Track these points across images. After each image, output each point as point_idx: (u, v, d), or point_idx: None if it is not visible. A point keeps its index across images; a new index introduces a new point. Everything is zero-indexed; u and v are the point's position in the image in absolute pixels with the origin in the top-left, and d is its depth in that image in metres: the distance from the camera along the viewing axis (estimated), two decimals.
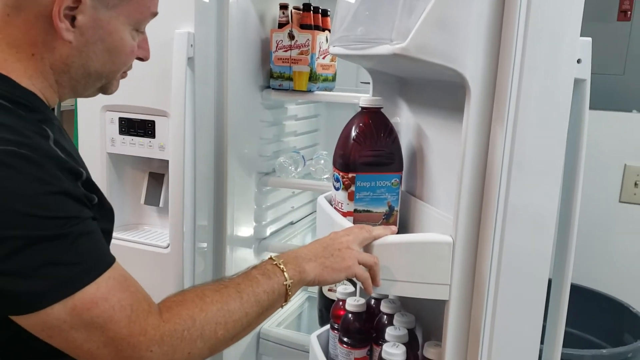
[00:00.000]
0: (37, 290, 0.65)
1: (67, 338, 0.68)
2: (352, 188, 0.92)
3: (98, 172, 1.53)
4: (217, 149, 1.45)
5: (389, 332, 0.95)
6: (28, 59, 0.77)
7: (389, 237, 0.87)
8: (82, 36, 0.77)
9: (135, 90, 1.43)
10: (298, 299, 1.90)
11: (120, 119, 1.48)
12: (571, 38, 0.77)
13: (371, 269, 0.86)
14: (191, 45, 1.31)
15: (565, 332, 1.80)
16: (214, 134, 1.44)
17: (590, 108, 1.87)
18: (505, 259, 0.80)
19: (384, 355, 0.92)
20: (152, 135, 1.45)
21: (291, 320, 1.77)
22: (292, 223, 1.85)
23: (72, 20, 0.76)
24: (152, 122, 1.44)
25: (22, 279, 0.65)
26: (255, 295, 0.79)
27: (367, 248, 0.87)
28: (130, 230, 1.57)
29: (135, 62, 1.29)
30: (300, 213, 1.93)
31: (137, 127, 1.46)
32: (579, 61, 0.80)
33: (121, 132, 1.48)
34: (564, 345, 1.45)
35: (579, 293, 1.82)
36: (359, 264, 0.85)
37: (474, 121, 0.76)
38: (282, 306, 0.84)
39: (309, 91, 1.50)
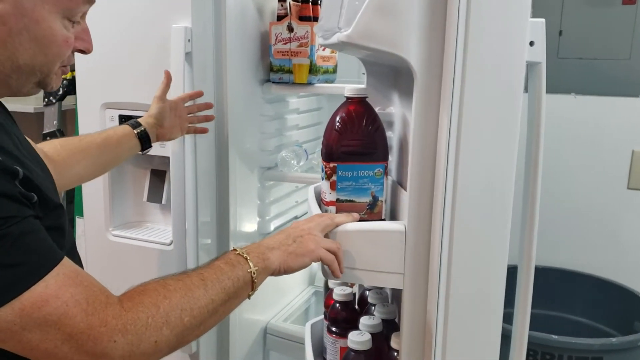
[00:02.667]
0: None
1: (20, 340, 0.66)
2: (334, 177, 0.91)
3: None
4: (218, 144, 1.43)
5: (362, 321, 0.96)
6: None
7: (348, 225, 0.88)
8: (5, 25, 0.72)
9: (134, 87, 1.42)
10: (305, 294, 1.89)
11: (120, 116, 1.46)
12: (521, 20, 0.75)
13: (335, 255, 0.86)
14: (189, 40, 1.29)
15: (574, 321, 1.79)
16: (215, 129, 1.42)
17: (597, 94, 1.85)
18: (457, 246, 0.78)
19: (348, 342, 0.93)
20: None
21: (298, 315, 1.76)
22: (296, 217, 1.84)
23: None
24: None
25: None
26: (219, 282, 0.78)
27: (328, 236, 0.88)
28: (133, 227, 1.56)
29: (136, 58, 1.28)
30: (305, 207, 1.92)
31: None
32: (531, 44, 0.78)
33: None
34: (573, 334, 1.44)
35: (587, 281, 1.81)
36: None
37: (420, 107, 0.75)
38: (249, 296, 0.83)
39: (310, 84, 1.48)
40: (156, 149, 1.45)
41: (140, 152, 1.24)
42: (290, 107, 1.72)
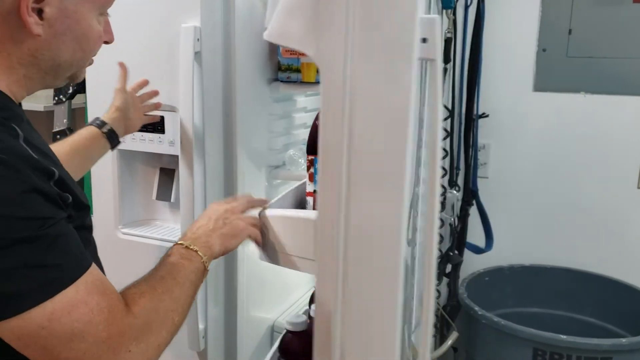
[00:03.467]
0: (16, 292, 0.63)
1: (45, 346, 0.65)
2: (312, 170, 0.94)
3: (109, 168, 1.53)
4: (226, 143, 1.44)
5: (288, 319, 0.99)
6: None
7: (271, 211, 0.94)
8: (51, 28, 0.76)
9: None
10: (311, 292, 1.89)
11: None
12: (410, 16, 0.74)
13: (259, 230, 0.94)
14: (198, 39, 1.30)
15: (584, 321, 1.78)
16: (223, 128, 1.43)
17: (608, 93, 1.84)
18: (353, 233, 0.76)
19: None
20: (161, 130, 1.44)
21: (305, 312, 1.76)
22: None
23: (39, 13, 0.74)
24: (162, 118, 1.43)
25: (5, 283, 0.63)
26: (188, 278, 0.83)
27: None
28: (142, 225, 1.56)
29: (145, 57, 1.29)
30: None
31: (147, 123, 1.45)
32: (424, 40, 0.77)
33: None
34: (582, 335, 1.44)
35: (597, 281, 1.80)
36: None
37: (325, 103, 0.74)
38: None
39: (318, 82, 1.47)
40: (165, 148, 1.46)
41: (111, 150, 1.25)
42: (298, 105, 1.72)
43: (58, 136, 1.75)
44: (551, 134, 1.82)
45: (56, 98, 1.76)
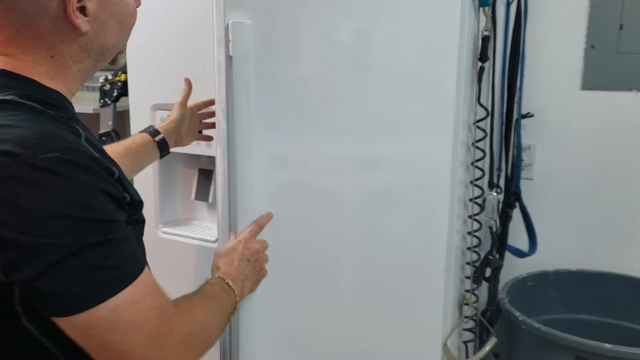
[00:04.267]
0: (85, 292, 0.69)
1: (102, 338, 0.71)
2: None
3: (150, 169, 1.57)
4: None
5: None
6: (48, 62, 0.79)
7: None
8: (96, 20, 0.80)
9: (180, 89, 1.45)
10: None
11: None
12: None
13: None
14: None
15: (635, 331, 1.69)
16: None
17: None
18: None
19: None
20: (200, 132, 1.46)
21: None
22: None
23: (82, 10, 0.78)
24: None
25: (71, 281, 0.68)
26: (226, 309, 0.93)
27: None
28: (182, 225, 1.60)
29: (184, 60, 1.30)
30: None
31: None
32: None
33: None
34: (633, 345, 1.36)
35: (635, 285, 1.71)
36: None
37: None
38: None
39: None
40: (203, 149, 1.48)
41: (159, 159, 1.29)
42: None
43: (104, 138, 1.80)
44: (600, 133, 1.74)
45: (102, 101, 1.82)
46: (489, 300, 1.58)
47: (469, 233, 1.39)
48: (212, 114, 1.38)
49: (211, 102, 1.35)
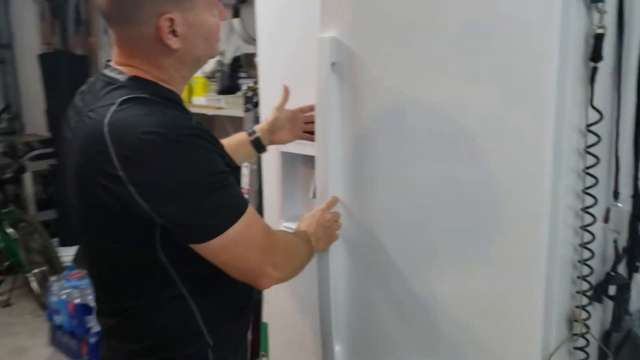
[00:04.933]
0: (215, 223, 0.97)
1: (232, 251, 1.00)
2: None
3: (273, 168, 1.72)
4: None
5: None
6: (157, 71, 1.03)
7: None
8: (185, 39, 1.02)
9: (304, 96, 1.55)
10: None
11: None
12: None
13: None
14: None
15: None
16: None
17: None
18: None
19: None
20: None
21: None
22: None
23: (173, 32, 1.00)
24: None
25: (206, 217, 0.97)
26: (307, 250, 1.25)
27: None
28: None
29: (305, 67, 1.44)
30: None
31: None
32: None
33: None
34: None
35: None
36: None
37: None
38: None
39: None
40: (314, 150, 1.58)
41: (258, 155, 1.52)
42: None
43: None
44: None
45: (246, 106, 2.03)
46: (613, 321, 1.45)
47: (582, 245, 1.30)
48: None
49: (312, 108, 1.48)
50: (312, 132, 1.51)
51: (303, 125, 1.52)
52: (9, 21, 4.53)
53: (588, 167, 1.26)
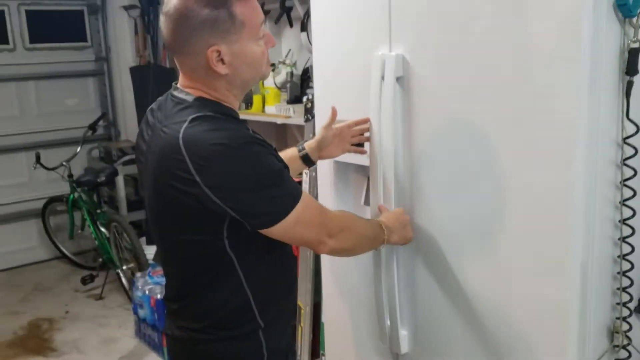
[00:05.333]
0: (278, 210, 1.18)
1: (293, 231, 1.21)
2: None
3: (328, 176, 1.82)
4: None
5: None
6: (214, 92, 1.23)
7: None
8: (232, 66, 1.20)
9: (348, 106, 1.65)
10: None
11: None
12: None
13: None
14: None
15: None
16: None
17: None
18: None
19: None
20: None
21: None
22: None
23: (222, 61, 1.18)
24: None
25: (270, 206, 1.18)
26: (375, 235, 1.43)
27: None
28: None
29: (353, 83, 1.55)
30: None
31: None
32: None
33: None
34: None
35: None
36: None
37: None
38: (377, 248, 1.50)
39: None
40: (365, 160, 1.67)
41: (308, 169, 1.69)
42: None
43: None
44: None
45: (305, 117, 2.14)
46: None
47: (621, 257, 1.30)
48: (365, 129, 1.59)
49: (365, 121, 1.58)
50: (358, 145, 1.62)
51: (350, 139, 1.62)
52: (106, 36, 4.93)
53: (626, 180, 1.27)
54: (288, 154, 1.59)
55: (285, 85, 3.00)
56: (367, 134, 1.60)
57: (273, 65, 3.13)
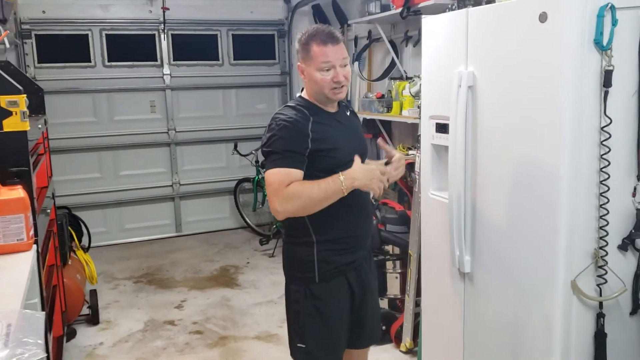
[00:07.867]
0: (269, 165, 1.87)
1: (266, 182, 1.88)
2: None
3: (428, 157, 2.64)
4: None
5: None
6: (307, 93, 2.04)
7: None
8: (305, 77, 1.99)
9: (439, 105, 2.48)
10: None
11: (437, 124, 2.55)
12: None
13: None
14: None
15: None
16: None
17: None
18: None
19: None
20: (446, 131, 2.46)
21: None
22: None
23: (303, 74, 2.00)
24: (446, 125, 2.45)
25: (270, 162, 1.88)
26: (326, 190, 1.85)
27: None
28: (443, 190, 2.60)
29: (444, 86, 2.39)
30: None
31: (441, 128, 2.51)
32: None
33: (437, 131, 2.56)
34: None
35: None
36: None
37: None
38: (339, 196, 1.87)
39: None
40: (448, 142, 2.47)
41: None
42: None
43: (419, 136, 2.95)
44: None
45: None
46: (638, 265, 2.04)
47: (601, 206, 1.97)
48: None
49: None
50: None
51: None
52: (290, 55, 6.14)
53: (603, 154, 1.95)
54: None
55: (418, 94, 3.85)
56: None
57: (393, 79, 4.03)
